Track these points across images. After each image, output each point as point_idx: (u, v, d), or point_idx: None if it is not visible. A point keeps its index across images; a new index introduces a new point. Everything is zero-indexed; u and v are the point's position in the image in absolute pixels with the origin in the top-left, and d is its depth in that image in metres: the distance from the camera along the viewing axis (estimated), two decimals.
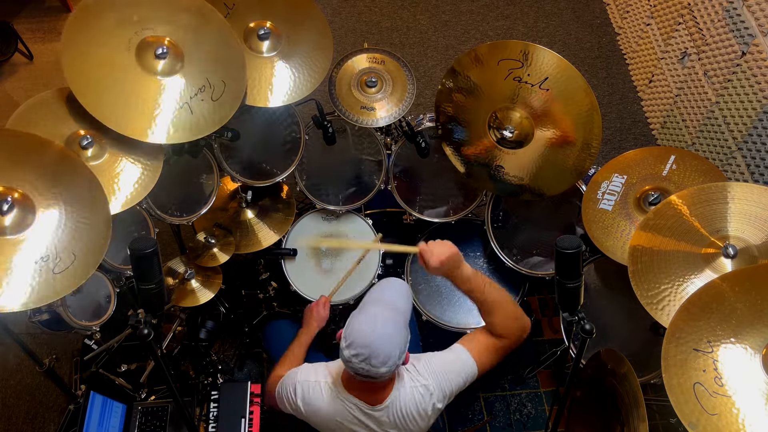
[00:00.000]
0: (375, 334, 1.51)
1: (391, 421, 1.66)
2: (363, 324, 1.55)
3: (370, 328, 1.53)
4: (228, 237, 2.39)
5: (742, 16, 2.67)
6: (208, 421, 2.11)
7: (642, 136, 3.47)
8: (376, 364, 1.51)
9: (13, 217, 1.64)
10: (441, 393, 1.68)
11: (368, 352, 1.50)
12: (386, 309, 1.60)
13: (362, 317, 1.58)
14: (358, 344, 1.52)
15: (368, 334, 1.52)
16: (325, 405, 1.70)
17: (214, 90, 1.98)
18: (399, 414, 1.65)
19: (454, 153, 2.32)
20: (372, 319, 1.56)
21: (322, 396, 1.71)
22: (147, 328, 1.46)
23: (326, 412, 1.70)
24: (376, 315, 1.58)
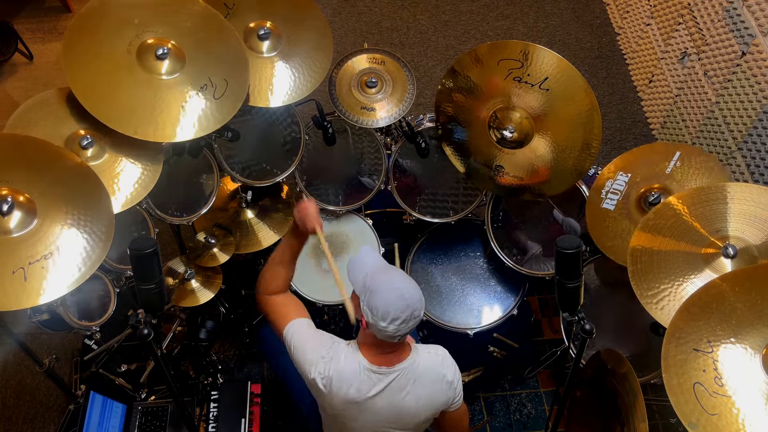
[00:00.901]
0: (407, 293, 1.56)
1: (404, 385, 1.66)
2: (388, 294, 1.57)
3: (398, 293, 1.56)
4: (228, 237, 2.39)
5: (742, 16, 2.67)
6: (208, 421, 2.11)
7: (642, 136, 3.47)
8: (419, 315, 1.58)
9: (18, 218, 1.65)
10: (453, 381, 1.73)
11: (410, 311, 1.55)
12: (387, 269, 1.67)
13: (381, 291, 1.58)
14: (397, 312, 1.54)
15: (401, 298, 1.55)
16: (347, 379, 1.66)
17: (216, 89, 1.98)
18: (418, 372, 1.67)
19: (454, 153, 2.32)
20: (392, 284, 1.59)
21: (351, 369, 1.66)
22: (147, 328, 1.46)
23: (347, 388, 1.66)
24: (390, 278, 1.62)
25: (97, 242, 1.73)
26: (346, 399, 1.66)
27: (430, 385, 1.70)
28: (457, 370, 1.75)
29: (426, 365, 1.70)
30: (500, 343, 2.42)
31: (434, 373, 1.70)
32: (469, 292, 2.44)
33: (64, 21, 3.98)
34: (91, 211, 1.75)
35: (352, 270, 1.71)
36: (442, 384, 1.71)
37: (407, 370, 1.67)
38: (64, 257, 1.67)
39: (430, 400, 1.71)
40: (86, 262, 1.70)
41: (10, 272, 1.60)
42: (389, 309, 1.55)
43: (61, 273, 1.66)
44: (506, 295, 2.42)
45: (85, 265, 1.69)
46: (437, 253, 2.55)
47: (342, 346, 1.70)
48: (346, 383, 1.64)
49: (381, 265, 1.70)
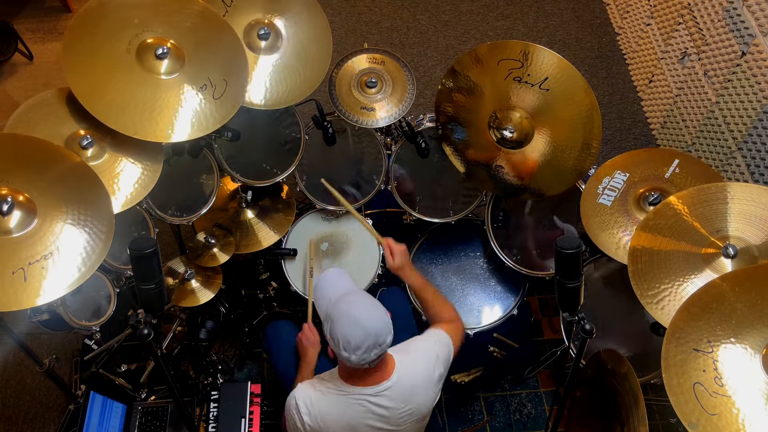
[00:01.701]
0: (366, 321, 1.57)
1: (401, 397, 1.67)
2: (347, 323, 1.58)
3: (356, 322, 1.57)
4: (228, 237, 2.39)
5: (742, 16, 2.67)
6: (208, 421, 2.11)
7: (642, 136, 3.47)
8: (383, 342, 1.57)
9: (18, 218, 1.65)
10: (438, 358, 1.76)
11: (372, 339, 1.55)
12: (348, 296, 1.67)
13: (341, 320, 1.59)
14: (358, 342, 1.54)
15: (359, 326, 1.56)
16: (333, 409, 1.69)
17: (215, 89, 1.98)
18: (406, 386, 1.68)
19: (454, 153, 2.32)
20: (350, 313, 1.59)
21: (327, 402, 1.70)
22: (147, 328, 1.46)
23: (336, 417, 1.69)
24: (349, 306, 1.62)
25: (97, 242, 1.73)
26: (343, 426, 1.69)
27: (426, 381, 1.73)
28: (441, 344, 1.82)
29: (414, 368, 1.72)
30: (500, 343, 2.42)
31: (424, 368, 1.74)
32: (469, 292, 2.44)
33: (64, 21, 3.98)
34: (91, 210, 1.75)
35: (317, 296, 1.72)
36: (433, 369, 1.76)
37: (398, 382, 1.68)
38: (64, 257, 1.67)
39: (431, 389, 1.75)
40: (86, 262, 1.70)
41: (10, 272, 1.60)
42: (349, 338, 1.55)
43: (61, 273, 1.66)
44: (506, 295, 2.42)
45: (85, 265, 1.69)
46: (437, 253, 2.55)
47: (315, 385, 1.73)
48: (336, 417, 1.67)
49: (345, 290, 1.70)
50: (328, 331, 1.61)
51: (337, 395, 1.69)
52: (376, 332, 1.56)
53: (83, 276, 1.68)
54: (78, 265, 1.69)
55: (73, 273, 1.67)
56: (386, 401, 1.68)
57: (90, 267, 1.70)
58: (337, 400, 1.69)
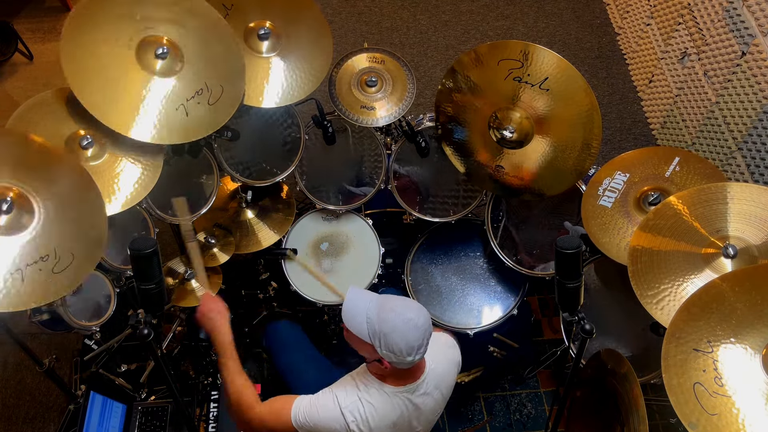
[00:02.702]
0: (419, 320, 1.56)
1: (434, 384, 1.71)
2: (405, 329, 1.54)
3: (412, 324, 1.55)
4: (228, 237, 2.39)
5: (742, 16, 2.67)
6: (208, 421, 2.11)
7: (642, 136, 3.47)
8: (431, 330, 1.60)
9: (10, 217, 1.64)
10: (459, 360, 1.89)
11: (426, 333, 1.57)
12: (385, 304, 1.60)
13: (397, 330, 1.55)
14: (420, 341, 1.55)
15: (416, 328, 1.55)
16: (382, 412, 1.65)
17: (211, 94, 1.98)
18: (438, 372, 1.72)
19: (454, 153, 2.32)
20: (403, 320, 1.55)
21: (377, 405, 1.65)
22: (147, 328, 1.46)
23: (385, 419, 1.66)
24: (396, 314, 1.56)
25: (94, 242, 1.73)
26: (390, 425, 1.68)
27: (452, 376, 1.83)
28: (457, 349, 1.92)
29: (443, 364, 1.78)
30: (500, 343, 2.42)
31: (450, 365, 1.83)
32: (469, 292, 2.44)
33: (64, 21, 3.97)
34: (87, 209, 1.75)
35: (350, 319, 1.62)
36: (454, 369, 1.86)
37: (430, 373, 1.70)
38: (62, 258, 1.67)
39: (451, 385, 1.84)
40: (84, 262, 1.70)
41: (9, 273, 1.60)
42: (412, 343, 1.54)
43: (59, 274, 1.66)
44: (506, 295, 2.42)
45: (81, 267, 1.70)
46: (437, 253, 2.55)
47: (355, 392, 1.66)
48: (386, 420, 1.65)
49: (377, 302, 1.62)
50: (383, 346, 1.56)
51: (384, 396, 1.65)
52: (427, 325, 1.58)
53: (80, 277, 1.69)
54: (75, 266, 1.69)
55: (71, 274, 1.68)
56: (424, 394, 1.69)
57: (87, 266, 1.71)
58: (384, 401, 1.65)
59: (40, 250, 1.65)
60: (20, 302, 1.60)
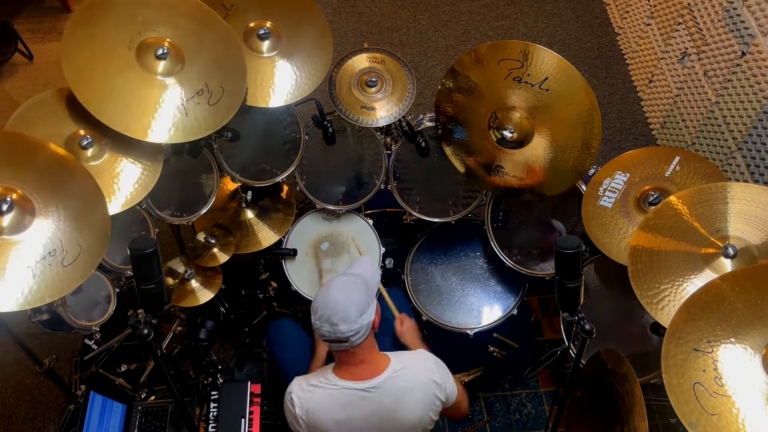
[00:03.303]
0: (330, 296, 1.65)
1: (387, 398, 1.67)
2: (321, 292, 1.70)
3: (326, 292, 1.68)
4: (228, 237, 2.39)
5: (742, 16, 2.67)
6: (208, 421, 2.11)
7: (642, 136, 3.47)
8: (336, 321, 1.61)
9: (12, 217, 1.64)
10: (443, 387, 1.74)
11: (328, 312, 1.62)
12: (342, 276, 1.76)
13: (322, 288, 1.73)
14: (318, 308, 1.65)
15: (325, 297, 1.66)
16: (323, 403, 1.70)
17: (211, 95, 1.98)
18: (396, 389, 1.68)
19: (454, 153, 2.32)
20: (328, 286, 1.71)
21: (318, 395, 1.71)
22: (147, 328, 1.46)
23: (326, 410, 1.70)
24: (332, 282, 1.72)
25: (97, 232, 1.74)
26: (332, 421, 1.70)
27: (422, 393, 1.70)
28: (443, 370, 1.78)
29: (410, 375, 1.71)
30: (500, 343, 2.42)
31: (422, 380, 1.72)
32: (469, 292, 2.44)
33: (64, 21, 3.98)
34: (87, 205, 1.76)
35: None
36: (431, 387, 1.72)
37: (389, 381, 1.68)
38: (70, 250, 1.68)
39: (425, 405, 1.71)
40: (90, 253, 1.71)
41: (21, 270, 1.61)
42: (317, 303, 1.67)
43: (68, 268, 1.67)
44: (506, 295, 2.42)
45: (90, 256, 1.71)
46: (437, 253, 2.55)
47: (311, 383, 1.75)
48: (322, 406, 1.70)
49: (349, 272, 1.79)
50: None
51: (328, 389, 1.71)
52: (334, 309, 1.62)
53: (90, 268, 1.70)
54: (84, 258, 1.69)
55: (80, 266, 1.69)
56: (373, 398, 1.68)
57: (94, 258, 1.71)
58: (327, 393, 1.71)
59: (47, 246, 1.66)
60: (36, 299, 1.61)
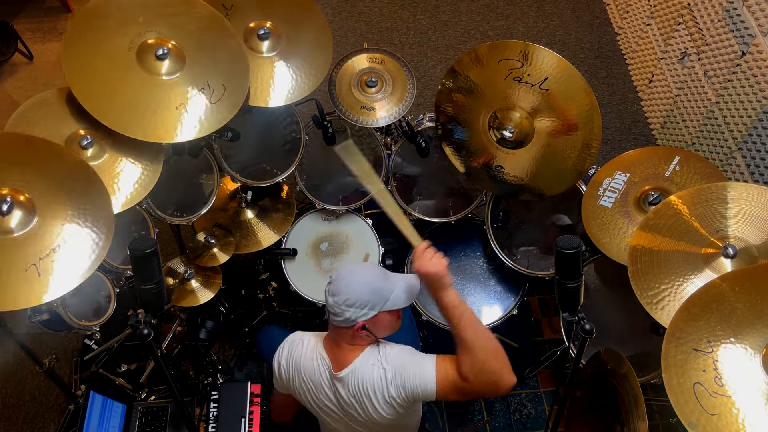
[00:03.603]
0: (349, 269, 1.68)
1: (350, 392, 1.67)
2: (349, 266, 1.72)
3: (353, 267, 1.71)
4: (228, 237, 2.39)
5: (742, 16, 2.67)
6: (208, 421, 2.11)
7: (642, 136, 3.47)
8: (331, 290, 1.63)
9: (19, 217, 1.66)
10: (396, 388, 1.62)
11: (336, 277, 1.65)
12: (378, 272, 1.70)
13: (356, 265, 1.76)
14: (338, 270, 1.68)
15: (348, 268, 1.68)
16: (303, 359, 1.75)
17: (213, 93, 1.98)
18: (356, 386, 1.65)
19: (454, 153, 2.32)
20: (363, 266, 1.76)
21: (303, 349, 1.76)
22: (147, 328, 1.46)
23: (303, 370, 1.74)
24: (367, 268, 1.74)
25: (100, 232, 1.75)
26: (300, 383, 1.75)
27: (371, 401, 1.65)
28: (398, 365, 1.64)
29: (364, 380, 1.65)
30: (500, 343, 2.41)
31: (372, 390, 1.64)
32: (469, 292, 2.44)
33: (64, 21, 3.98)
34: (90, 203, 1.76)
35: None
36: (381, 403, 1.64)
37: (351, 375, 1.66)
38: (72, 250, 1.69)
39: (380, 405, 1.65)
40: (94, 251, 1.72)
41: (23, 270, 1.61)
42: (338, 271, 1.67)
43: (72, 264, 1.67)
44: (506, 295, 2.42)
45: (94, 254, 1.72)
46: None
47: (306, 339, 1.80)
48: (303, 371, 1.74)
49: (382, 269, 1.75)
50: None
51: (313, 349, 1.75)
52: (341, 283, 1.62)
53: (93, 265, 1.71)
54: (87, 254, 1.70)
55: (83, 263, 1.69)
56: (336, 393, 1.70)
57: (98, 256, 1.72)
58: (310, 353, 1.74)
59: (49, 243, 1.66)
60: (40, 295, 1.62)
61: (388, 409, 1.64)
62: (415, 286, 1.70)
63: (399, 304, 1.67)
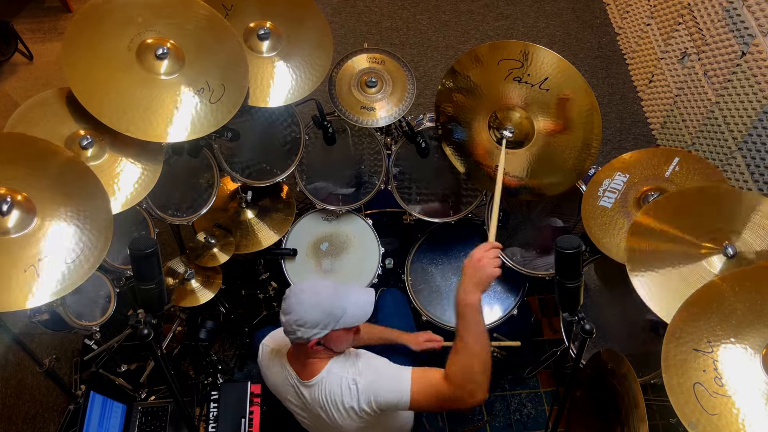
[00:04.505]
0: (299, 289, 1.65)
1: (317, 401, 1.69)
2: (307, 281, 1.70)
3: (304, 285, 1.67)
4: (228, 237, 2.39)
5: (742, 16, 2.67)
6: (208, 421, 2.11)
7: (642, 136, 3.47)
8: (282, 309, 1.64)
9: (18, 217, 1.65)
10: (366, 398, 1.62)
11: (287, 295, 1.65)
12: (329, 291, 1.65)
13: (317, 280, 1.77)
14: (291, 288, 1.67)
15: (299, 287, 1.66)
16: (273, 370, 1.83)
17: (212, 93, 1.98)
18: (322, 397, 1.68)
19: (454, 153, 2.32)
20: (315, 284, 1.68)
21: (271, 361, 1.84)
22: (147, 328, 1.46)
23: (273, 379, 1.83)
24: (319, 285, 1.67)
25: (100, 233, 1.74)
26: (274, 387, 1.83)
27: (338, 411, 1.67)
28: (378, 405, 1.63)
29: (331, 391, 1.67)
30: (499, 343, 2.42)
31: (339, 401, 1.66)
32: None
33: (64, 21, 3.98)
34: (90, 203, 1.76)
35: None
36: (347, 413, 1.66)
37: (317, 386, 1.69)
38: (72, 250, 1.69)
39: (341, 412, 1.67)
40: (93, 252, 1.72)
41: (23, 270, 1.61)
42: (291, 289, 1.67)
43: (71, 265, 1.67)
44: (506, 295, 2.42)
45: (92, 255, 1.72)
46: (437, 253, 2.55)
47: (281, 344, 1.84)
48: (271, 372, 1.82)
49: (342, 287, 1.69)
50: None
51: (279, 365, 1.79)
52: (292, 307, 1.61)
53: (92, 266, 1.71)
54: (81, 260, 1.69)
55: (83, 264, 1.69)
56: (303, 399, 1.74)
57: (97, 256, 1.72)
58: (278, 366, 1.81)
59: (48, 243, 1.66)
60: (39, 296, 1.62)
61: (355, 419, 1.67)
62: (371, 303, 1.69)
63: (351, 323, 1.66)
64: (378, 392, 1.61)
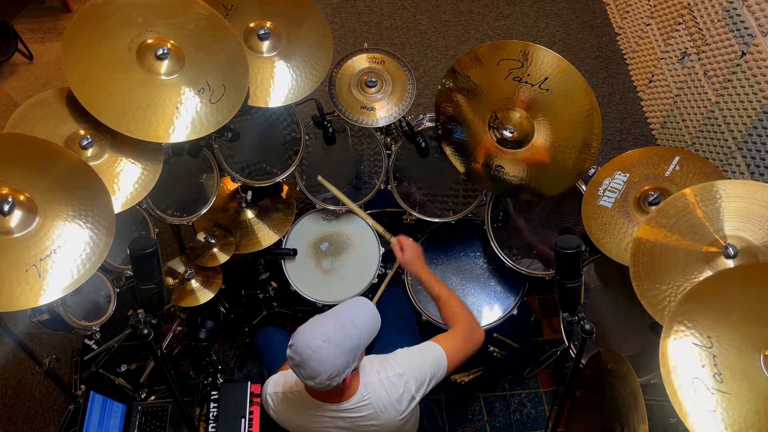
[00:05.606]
0: (310, 349, 1.52)
1: (364, 415, 1.67)
2: (307, 333, 1.56)
3: (310, 341, 1.54)
4: (228, 237, 2.39)
5: (742, 16, 2.67)
6: (208, 421, 2.11)
7: (642, 136, 3.47)
8: (305, 375, 1.54)
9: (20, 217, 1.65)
10: (415, 380, 1.69)
11: (299, 360, 1.54)
12: (337, 328, 1.58)
13: (313, 325, 1.59)
14: (295, 349, 1.55)
15: (305, 346, 1.53)
16: (295, 415, 1.75)
17: (213, 93, 1.98)
18: (375, 403, 1.66)
19: (454, 153, 2.32)
20: (317, 332, 1.56)
21: (289, 407, 1.75)
22: (147, 328, 1.46)
23: (298, 422, 1.76)
24: (324, 331, 1.56)
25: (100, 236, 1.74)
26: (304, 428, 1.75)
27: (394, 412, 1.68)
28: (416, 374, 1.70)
29: (376, 399, 1.67)
30: (500, 343, 2.42)
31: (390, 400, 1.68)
32: (469, 292, 2.44)
33: (64, 21, 3.98)
34: (91, 203, 1.76)
35: (349, 301, 1.74)
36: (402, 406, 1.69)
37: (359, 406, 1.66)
38: (72, 250, 1.69)
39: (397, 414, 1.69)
40: (94, 251, 1.72)
41: (24, 270, 1.61)
42: (296, 340, 1.56)
43: (72, 265, 1.67)
44: (506, 295, 2.42)
45: (94, 255, 1.71)
46: (437, 253, 2.55)
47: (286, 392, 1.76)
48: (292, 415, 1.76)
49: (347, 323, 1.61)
50: (314, 317, 1.65)
51: (302, 405, 1.72)
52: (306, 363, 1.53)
53: (93, 266, 1.70)
54: (83, 260, 1.69)
55: (84, 264, 1.69)
56: (348, 417, 1.68)
57: (98, 257, 1.72)
58: (300, 408, 1.73)
59: (49, 243, 1.66)
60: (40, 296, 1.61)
61: (409, 409, 1.71)
62: (372, 310, 1.70)
63: (369, 338, 1.66)
64: (423, 369, 1.71)
